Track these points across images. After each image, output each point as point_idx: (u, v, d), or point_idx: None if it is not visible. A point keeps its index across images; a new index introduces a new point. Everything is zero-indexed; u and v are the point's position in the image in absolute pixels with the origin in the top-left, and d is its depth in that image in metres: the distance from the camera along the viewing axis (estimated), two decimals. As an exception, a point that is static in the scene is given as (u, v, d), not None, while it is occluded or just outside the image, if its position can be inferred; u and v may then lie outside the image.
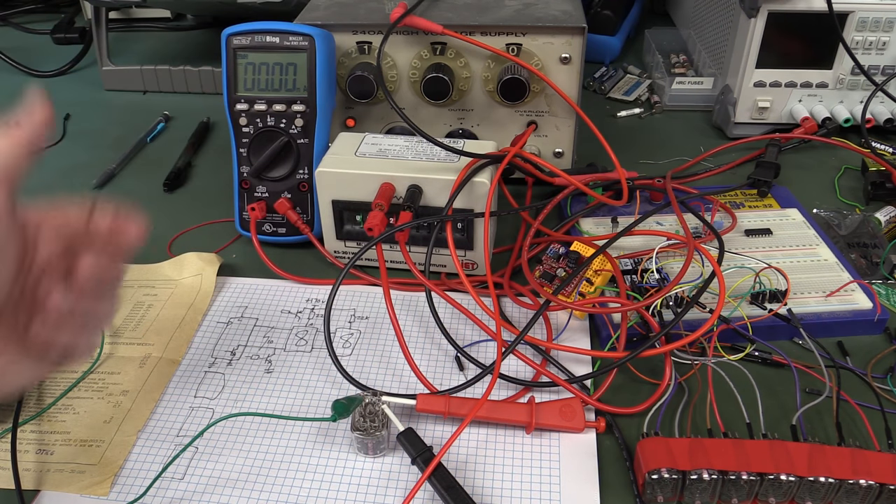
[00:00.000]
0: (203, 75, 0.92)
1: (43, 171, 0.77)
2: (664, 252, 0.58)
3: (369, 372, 0.52)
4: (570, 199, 0.65)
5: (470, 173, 0.55)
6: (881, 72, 0.75)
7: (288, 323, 0.56)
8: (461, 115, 0.68)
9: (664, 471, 0.41)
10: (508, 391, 0.50)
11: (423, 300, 0.58)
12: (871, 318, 0.53)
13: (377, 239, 0.53)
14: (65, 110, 0.88)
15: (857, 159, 0.72)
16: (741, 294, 0.53)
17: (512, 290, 0.57)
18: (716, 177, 0.71)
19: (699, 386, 0.48)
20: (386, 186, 0.55)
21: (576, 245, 0.55)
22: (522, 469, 0.45)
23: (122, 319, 0.56)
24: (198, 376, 0.52)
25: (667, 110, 0.86)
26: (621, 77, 0.92)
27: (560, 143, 0.69)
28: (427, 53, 0.65)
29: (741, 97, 0.77)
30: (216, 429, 0.47)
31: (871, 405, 0.47)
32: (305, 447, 0.46)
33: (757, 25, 0.72)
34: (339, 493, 0.44)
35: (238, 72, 0.61)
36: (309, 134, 0.61)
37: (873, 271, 0.59)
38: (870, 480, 0.40)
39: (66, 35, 1.07)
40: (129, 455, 0.46)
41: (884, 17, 0.72)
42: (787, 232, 0.61)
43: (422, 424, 0.47)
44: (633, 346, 0.49)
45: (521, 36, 0.63)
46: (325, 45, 0.61)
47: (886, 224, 0.64)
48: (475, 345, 0.54)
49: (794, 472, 0.40)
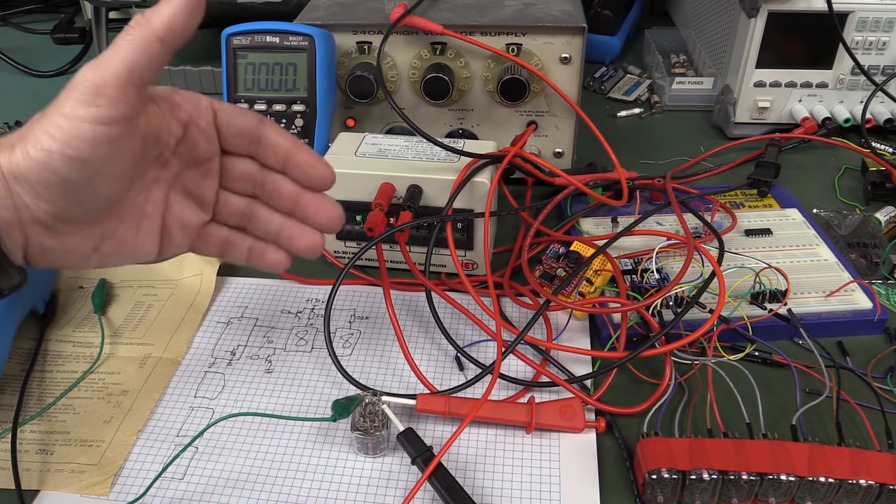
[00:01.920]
0: (203, 75, 0.91)
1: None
2: (664, 252, 0.58)
3: (369, 372, 0.52)
4: (570, 199, 0.65)
5: (470, 173, 0.55)
6: (881, 72, 0.75)
7: (288, 323, 0.56)
8: (461, 115, 0.68)
9: (664, 471, 0.41)
10: (508, 391, 0.50)
11: (423, 300, 0.58)
12: (871, 318, 0.53)
13: (377, 239, 0.53)
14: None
15: (857, 159, 0.72)
16: (741, 294, 0.53)
17: (512, 290, 0.57)
18: (716, 177, 0.71)
19: (699, 386, 0.48)
20: (386, 186, 0.55)
21: (576, 245, 0.55)
22: (522, 469, 0.45)
23: (122, 319, 0.56)
24: (198, 376, 0.52)
25: (667, 110, 0.86)
26: (621, 77, 0.92)
27: (560, 143, 0.69)
28: (427, 53, 0.65)
29: (741, 97, 0.77)
30: (216, 429, 0.47)
31: (871, 405, 0.47)
32: (305, 447, 0.46)
33: (757, 25, 0.72)
34: (339, 493, 0.44)
35: (238, 72, 0.61)
36: (309, 134, 0.61)
37: (873, 271, 0.59)
38: (870, 480, 0.40)
39: (66, 35, 1.06)
40: (129, 455, 0.46)
41: (884, 17, 0.72)
42: (787, 232, 0.61)
43: (422, 424, 0.47)
44: (633, 346, 0.49)
45: (521, 36, 0.63)
46: (325, 45, 0.61)
47: (886, 224, 0.64)
48: (475, 345, 0.54)
49: (794, 472, 0.40)
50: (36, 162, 0.34)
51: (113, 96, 0.34)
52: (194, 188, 0.42)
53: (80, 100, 0.34)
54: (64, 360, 0.53)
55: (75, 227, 0.38)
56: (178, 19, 0.36)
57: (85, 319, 0.56)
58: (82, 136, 0.34)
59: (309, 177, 0.43)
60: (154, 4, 0.36)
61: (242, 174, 0.43)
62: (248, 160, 0.43)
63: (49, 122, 0.34)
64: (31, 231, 0.36)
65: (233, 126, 0.42)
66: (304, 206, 0.43)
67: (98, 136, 0.34)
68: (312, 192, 0.43)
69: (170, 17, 0.36)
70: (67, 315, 0.57)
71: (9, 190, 0.35)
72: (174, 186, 0.42)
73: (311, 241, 0.44)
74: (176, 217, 0.42)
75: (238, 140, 0.42)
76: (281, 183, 0.43)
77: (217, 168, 0.43)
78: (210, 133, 0.41)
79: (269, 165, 0.43)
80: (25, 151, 0.34)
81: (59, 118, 0.34)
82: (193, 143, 0.41)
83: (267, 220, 0.44)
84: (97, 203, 0.37)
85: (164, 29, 0.36)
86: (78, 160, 0.34)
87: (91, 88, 0.34)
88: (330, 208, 0.44)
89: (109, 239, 0.39)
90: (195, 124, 0.40)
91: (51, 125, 0.34)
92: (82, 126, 0.34)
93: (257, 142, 0.42)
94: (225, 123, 0.41)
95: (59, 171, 0.34)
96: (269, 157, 0.43)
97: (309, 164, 0.43)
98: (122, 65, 0.35)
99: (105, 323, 0.56)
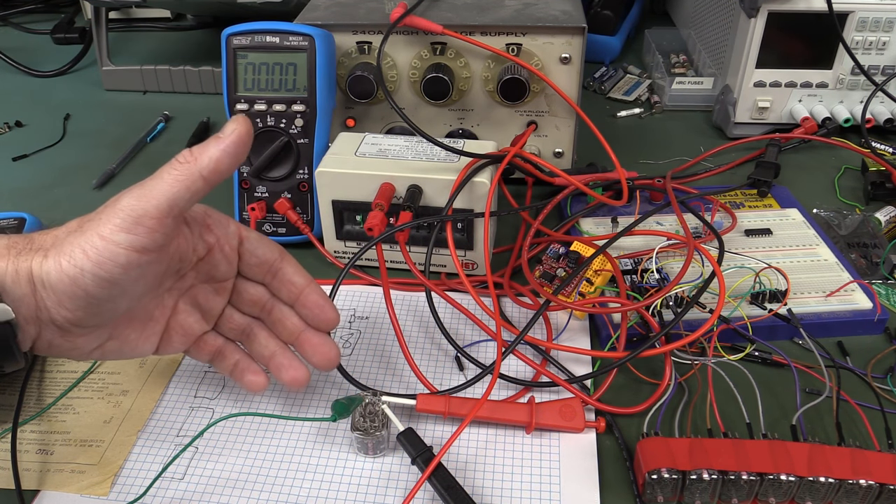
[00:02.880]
0: (203, 75, 0.92)
1: (43, 171, 0.77)
2: (664, 252, 0.58)
3: (369, 372, 0.52)
4: (570, 199, 0.65)
5: (470, 173, 0.55)
6: (881, 72, 0.75)
7: (288, 323, 0.56)
8: (461, 115, 0.68)
9: (664, 471, 0.41)
10: (508, 391, 0.50)
11: (423, 300, 0.58)
12: (871, 318, 0.53)
13: (377, 239, 0.53)
14: (65, 110, 0.88)
15: (857, 159, 0.72)
16: (741, 294, 0.53)
17: (512, 290, 0.57)
18: (716, 177, 0.71)
19: (699, 386, 0.48)
20: (386, 186, 0.55)
21: (576, 245, 0.55)
22: (522, 469, 0.45)
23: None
24: (198, 376, 0.52)
25: (667, 110, 0.86)
26: (621, 77, 0.92)
27: (560, 143, 0.69)
28: (427, 53, 0.65)
29: (741, 97, 0.77)
30: (216, 429, 0.47)
31: (871, 405, 0.47)
32: (305, 447, 0.46)
33: (757, 25, 0.72)
34: (339, 493, 0.44)
35: (238, 72, 0.61)
36: (309, 134, 0.61)
37: (873, 271, 0.59)
38: (870, 480, 0.40)
39: (66, 35, 1.06)
40: (129, 455, 0.46)
41: (884, 17, 0.72)
42: (787, 232, 0.61)
43: (422, 424, 0.47)
44: (633, 346, 0.49)
45: (521, 36, 0.63)
46: (325, 45, 0.61)
47: (886, 224, 0.64)
48: (475, 345, 0.54)
49: (794, 472, 0.40)
50: (67, 276, 0.36)
51: (151, 227, 0.36)
52: (204, 302, 0.44)
53: (120, 225, 0.36)
54: (64, 360, 0.53)
55: (88, 331, 0.39)
56: (223, 161, 0.38)
57: (85, 319, 0.56)
58: (116, 260, 0.36)
59: (316, 318, 0.45)
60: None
61: (252, 299, 0.45)
62: (261, 286, 0.45)
63: (85, 240, 0.36)
64: (45, 329, 0.38)
65: (256, 256, 0.44)
66: (304, 343, 0.45)
67: (131, 262, 0.36)
68: (315, 331, 0.45)
69: (217, 159, 0.38)
70: (67, 315, 0.57)
71: (34, 293, 0.36)
72: (185, 296, 0.43)
73: (297, 377, 0.45)
74: (180, 324, 0.44)
75: (257, 269, 0.44)
76: (287, 315, 0.45)
77: (230, 288, 0.45)
78: (232, 258, 0.43)
79: (280, 297, 0.45)
80: (58, 263, 0.36)
81: (97, 239, 0.36)
82: (214, 265, 0.43)
83: (264, 345, 0.46)
84: (115, 314, 0.39)
85: (210, 169, 0.38)
86: (108, 281, 0.36)
87: (132, 217, 0.36)
88: (328, 351, 0.45)
89: (114, 339, 0.41)
90: (220, 248, 0.42)
91: (87, 244, 0.36)
92: (117, 251, 0.36)
93: (274, 274, 0.44)
94: (248, 252, 0.43)
95: (87, 288, 0.36)
96: (282, 291, 0.45)
97: (318, 305, 0.44)
98: (165, 198, 0.37)
99: (105, 323, 0.56)
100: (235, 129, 0.38)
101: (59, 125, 0.85)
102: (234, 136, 0.38)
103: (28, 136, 0.84)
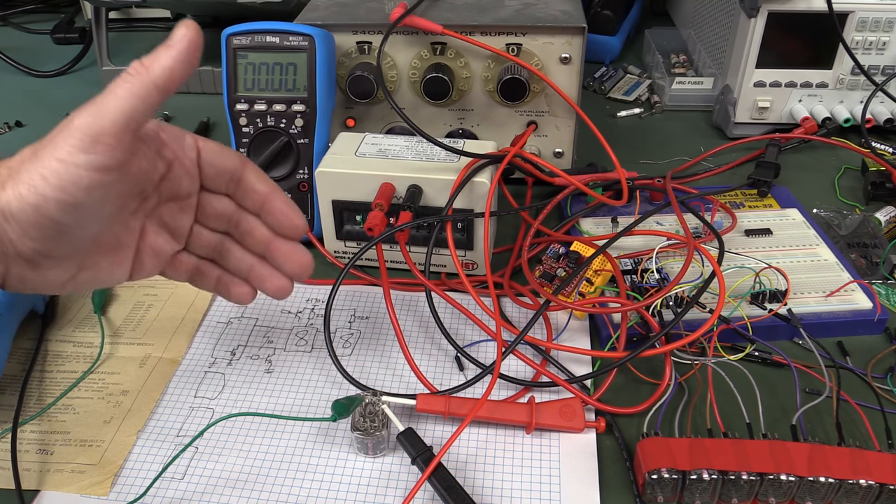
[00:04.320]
0: (203, 75, 0.92)
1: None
2: (664, 252, 0.58)
3: (369, 372, 0.52)
4: (570, 199, 0.65)
5: (470, 173, 0.55)
6: (881, 72, 0.75)
7: (288, 323, 0.56)
8: (461, 115, 0.68)
9: (664, 471, 0.41)
10: (508, 391, 0.50)
11: (423, 300, 0.58)
12: (871, 318, 0.53)
13: (377, 239, 0.53)
14: (65, 110, 0.88)
15: (857, 159, 0.72)
16: (741, 294, 0.53)
17: (512, 290, 0.57)
18: (716, 177, 0.71)
19: (699, 386, 0.48)
20: (386, 186, 0.55)
21: (576, 245, 0.55)
22: (522, 469, 0.45)
23: (122, 319, 0.56)
24: (198, 376, 0.52)
25: (667, 110, 0.86)
26: (621, 77, 0.92)
27: (560, 143, 0.69)
28: (427, 53, 0.65)
29: (741, 97, 0.77)
30: (216, 429, 0.47)
31: (871, 405, 0.47)
32: (305, 447, 0.46)
33: (757, 25, 0.72)
34: (339, 493, 0.44)
35: (238, 72, 0.61)
36: (309, 134, 0.61)
37: (873, 271, 0.59)
38: (870, 480, 0.40)
39: (66, 35, 1.06)
40: (129, 455, 0.46)
41: (884, 17, 0.72)
42: (787, 232, 0.61)
43: (422, 424, 0.47)
44: (633, 346, 0.49)
45: (521, 36, 0.63)
46: (325, 45, 0.61)
47: (886, 224, 0.64)
48: (475, 345, 0.54)
49: (794, 472, 0.40)
50: (29, 205, 0.34)
51: (110, 144, 0.35)
52: (170, 221, 0.43)
53: (78, 146, 0.34)
54: (64, 360, 0.53)
55: (57, 261, 0.38)
56: (176, 68, 0.36)
57: (85, 319, 0.56)
58: (79, 182, 0.34)
59: (282, 224, 0.44)
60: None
61: (218, 212, 0.44)
62: (226, 199, 0.44)
63: (43, 166, 0.34)
64: (12, 263, 0.37)
65: (215, 166, 0.42)
66: (276, 252, 0.44)
67: (94, 183, 0.35)
68: (285, 239, 0.44)
69: (170, 66, 0.36)
70: (67, 315, 0.57)
71: None
72: (150, 217, 0.42)
73: (280, 285, 0.45)
74: (149, 245, 0.43)
75: (218, 180, 0.43)
76: (255, 226, 0.44)
77: (195, 204, 0.43)
78: (192, 172, 0.42)
79: (246, 207, 0.44)
80: (18, 193, 0.34)
81: (55, 163, 0.34)
82: (175, 181, 0.42)
83: (239, 259, 0.45)
84: (83, 242, 0.38)
85: (163, 78, 0.36)
86: (72, 205, 0.35)
87: (89, 136, 0.34)
88: (301, 257, 0.44)
89: (86, 269, 0.40)
90: (179, 163, 0.41)
91: (46, 169, 0.34)
92: (78, 172, 0.34)
93: (237, 183, 0.43)
94: (208, 163, 0.42)
95: (52, 215, 0.35)
96: (247, 200, 0.44)
97: (283, 212, 0.43)
98: (121, 113, 0.35)
99: (105, 323, 0.56)
100: (186, 35, 0.36)
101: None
102: (186, 42, 0.36)
103: (28, 136, 0.83)
